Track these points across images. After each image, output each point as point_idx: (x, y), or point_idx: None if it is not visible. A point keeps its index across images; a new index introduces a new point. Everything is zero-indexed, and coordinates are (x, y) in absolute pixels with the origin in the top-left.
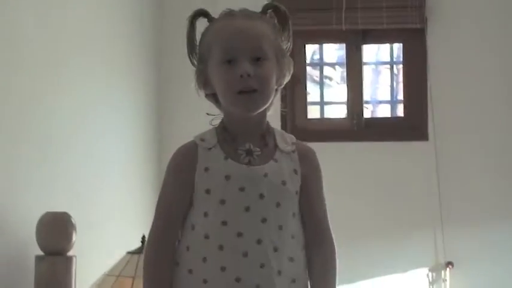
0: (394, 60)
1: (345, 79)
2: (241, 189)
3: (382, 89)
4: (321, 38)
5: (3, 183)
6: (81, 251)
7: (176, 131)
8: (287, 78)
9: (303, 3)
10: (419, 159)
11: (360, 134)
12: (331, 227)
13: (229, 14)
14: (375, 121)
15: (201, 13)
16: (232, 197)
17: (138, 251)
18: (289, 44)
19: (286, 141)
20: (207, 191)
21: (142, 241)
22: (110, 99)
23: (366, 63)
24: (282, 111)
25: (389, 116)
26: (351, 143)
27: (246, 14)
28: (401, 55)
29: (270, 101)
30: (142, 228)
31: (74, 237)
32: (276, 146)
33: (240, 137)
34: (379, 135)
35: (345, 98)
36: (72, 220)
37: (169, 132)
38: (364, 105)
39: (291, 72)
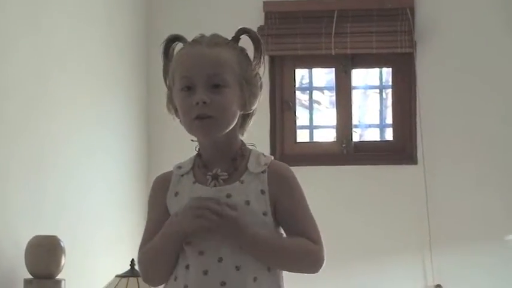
0: (383, 84)
1: (334, 103)
2: None
3: (371, 113)
4: (310, 62)
5: None
6: (70, 275)
7: (165, 154)
8: (255, 104)
9: (292, 29)
10: (408, 183)
11: (349, 157)
12: (322, 239)
13: (195, 41)
14: (364, 145)
15: (175, 38)
16: None
17: (127, 275)
18: (262, 67)
19: (259, 163)
20: (176, 215)
21: (131, 264)
22: (97, 121)
23: (355, 88)
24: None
25: (378, 139)
26: (340, 167)
27: (210, 40)
28: (390, 79)
29: (230, 127)
30: (131, 252)
31: (63, 261)
32: (246, 168)
33: (210, 162)
34: (368, 159)
35: (334, 122)
36: (61, 243)
37: (158, 155)
38: (353, 129)
39: (258, 97)
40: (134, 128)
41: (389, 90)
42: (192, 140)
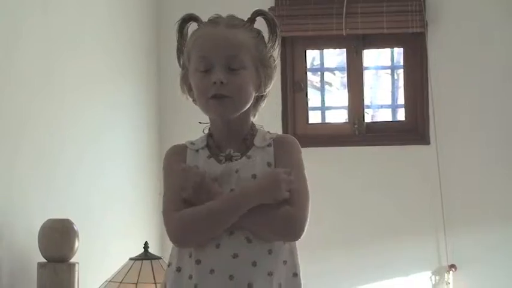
0: (395, 64)
1: (345, 84)
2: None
3: (383, 94)
4: (322, 43)
5: (5, 190)
6: (84, 258)
7: (177, 133)
8: (270, 86)
9: (303, 10)
10: (420, 163)
11: (361, 138)
12: (302, 206)
13: (213, 21)
14: (376, 126)
15: (191, 18)
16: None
17: (140, 257)
18: (277, 50)
19: (265, 138)
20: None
21: (145, 247)
22: (111, 104)
23: (366, 68)
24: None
25: (390, 120)
26: (352, 148)
27: (228, 22)
28: (402, 59)
29: (245, 107)
30: (145, 235)
31: (77, 244)
32: (253, 144)
33: (222, 142)
34: (380, 140)
35: (345, 103)
36: (75, 227)
37: (169, 135)
38: (365, 110)
39: (273, 79)
40: (145, 109)
41: (401, 71)
42: (200, 122)
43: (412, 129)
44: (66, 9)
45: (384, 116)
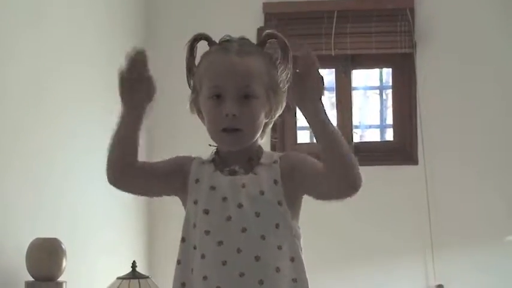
0: (383, 84)
1: (334, 104)
2: (224, 199)
3: (371, 114)
4: None
5: None
6: (71, 277)
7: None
8: (279, 112)
9: (292, 29)
10: (409, 183)
11: None
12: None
13: (225, 47)
14: (365, 145)
15: (201, 37)
16: (215, 207)
17: (128, 277)
18: (288, 73)
19: (272, 157)
20: (195, 202)
21: (133, 266)
22: (100, 122)
23: (355, 88)
24: (272, 140)
25: (378, 140)
26: None
27: (241, 48)
28: (390, 80)
29: (256, 137)
30: (132, 254)
31: (64, 263)
32: (259, 163)
33: (229, 160)
34: (368, 160)
35: (334, 123)
36: (63, 246)
37: (159, 154)
38: (354, 129)
39: (284, 104)
40: None
41: (390, 91)
42: (210, 145)
43: (401, 149)
44: (58, 27)
45: (373, 136)
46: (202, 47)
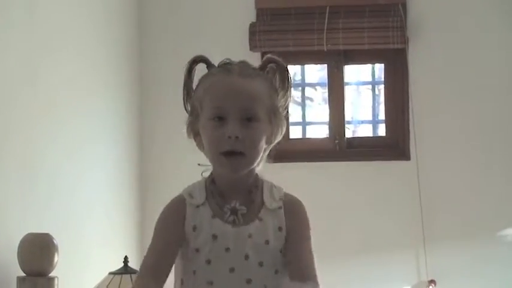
0: (376, 80)
1: (326, 99)
2: (227, 249)
3: (364, 109)
4: (303, 58)
5: None
6: (63, 272)
7: (157, 148)
8: (279, 138)
9: (284, 25)
10: (401, 179)
11: (342, 153)
12: (318, 276)
13: (226, 69)
14: (357, 141)
15: (200, 59)
16: (218, 257)
17: (120, 272)
18: (288, 99)
19: (273, 197)
20: (197, 250)
21: (125, 262)
22: (91, 116)
23: (347, 84)
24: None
25: (371, 135)
26: (333, 163)
27: (242, 71)
28: (383, 75)
29: (256, 162)
30: (124, 249)
31: (56, 258)
32: (262, 202)
33: (227, 192)
34: (361, 155)
35: (326, 118)
36: (54, 241)
37: (149, 150)
38: (346, 125)
39: (283, 131)
40: (126, 123)
41: (382, 86)
42: (199, 164)
43: (393, 145)
44: (50, 20)
45: (365, 131)
46: (200, 68)
